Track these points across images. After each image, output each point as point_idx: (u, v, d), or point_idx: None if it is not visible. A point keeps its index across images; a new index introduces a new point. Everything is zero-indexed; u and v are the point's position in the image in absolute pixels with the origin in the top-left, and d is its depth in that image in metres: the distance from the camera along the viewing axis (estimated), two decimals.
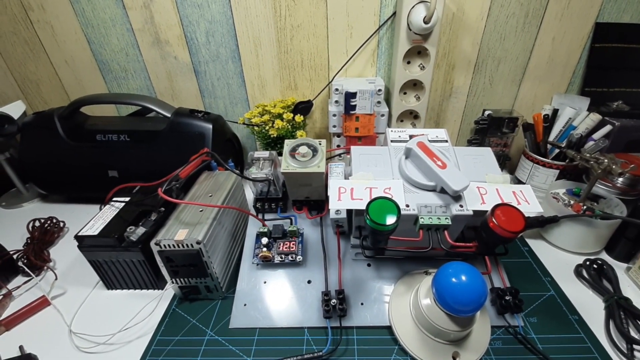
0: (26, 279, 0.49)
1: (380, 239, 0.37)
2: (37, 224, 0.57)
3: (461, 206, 0.37)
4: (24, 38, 0.67)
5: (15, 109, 0.64)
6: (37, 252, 0.52)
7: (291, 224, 0.50)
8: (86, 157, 0.60)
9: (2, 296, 0.46)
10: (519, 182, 0.66)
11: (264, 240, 0.47)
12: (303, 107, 0.70)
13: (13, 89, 0.74)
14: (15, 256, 0.51)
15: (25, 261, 0.51)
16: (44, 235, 0.55)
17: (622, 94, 0.67)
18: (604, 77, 0.67)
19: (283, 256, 0.46)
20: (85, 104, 0.61)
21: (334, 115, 0.64)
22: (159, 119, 0.62)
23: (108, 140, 0.60)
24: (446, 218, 0.37)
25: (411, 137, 0.43)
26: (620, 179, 0.53)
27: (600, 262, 0.48)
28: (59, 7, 0.64)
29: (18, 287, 0.48)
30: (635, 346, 0.38)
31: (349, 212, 0.44)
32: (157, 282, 0.46)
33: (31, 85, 0.74)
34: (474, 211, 0.37)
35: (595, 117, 0.57)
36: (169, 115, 0.60)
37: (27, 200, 0.68)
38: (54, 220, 0.58)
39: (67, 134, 0.60)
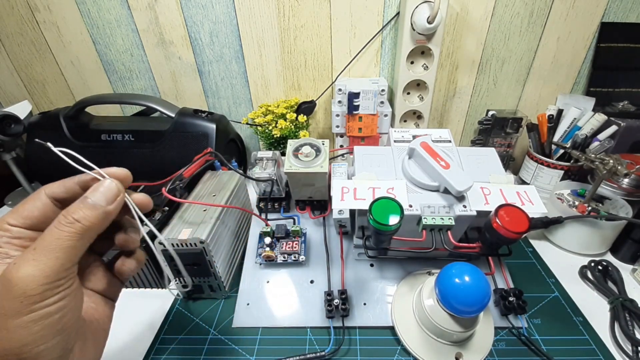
0: None
1: (383, 239, 0.37)
2: None
3: (465, 207, 0.37)
4: (30, 39, 0.68)
5: (22, 109, 0.65)
6: None
7: (294, 223, 0.50)
8: (91, 157, 0.60)
9: None
10: (523, 182, 0.66)
11: (267, 239, 0.47)
12: (306, 107, 0.70)
13: (19, 89, 0.75)
14: None
15: None
16: None
17: (627, 94, 0.66)
18: (610, 77, 0.66)
19: (286, 256, 0.46)
20: (91, 104, 0.61)
21: (337, 115, 0.65)
22: (163, 118, 0.62)
23: (113, 140, 0.61)
24: (449, 218, 0.37)
25: (414, 137, 0.43)
26: (626, 180, 0.53)
27: (605, 263, 0.48)
28: (65, 8, 0.64)
29: None
30: None
31: (352, 212, 0.44)
32: (161, 281, 0.47)
33: (37, 85, 0.74)
34: (477, 212, 0.37)
35: (601, 117, 0.56)
36: (172, 115, 0.60)
37: None
38: None
39: (72, 134, 0.61)
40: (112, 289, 0.27)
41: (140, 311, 0.44)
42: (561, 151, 0.60)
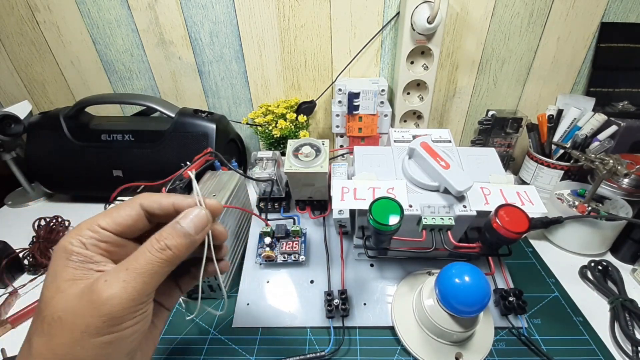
0: (32, 277, 0.50)
1: (383, 239, 0.37)
2: (42, 222, 0.57)
3: (465, 207, 0.37)
4: (31, 39, 0.68)
5: (22, 109, 0.65)
6: (42, 251, 0.52)
7: (294, 223, 0.50)
8: (91, 157, 0.61)
9: (8, 294, 0.46)
10: (523, 182, 0.66)
11: (267, 240, 0.47)
12: (306, 107, 0.70)
13: (19, 89, 0.75)
14: (21, 254, 0.51)
15: (31, 259, 0.51)
16: (49, 234, 0.56)
17: (627, 94, 0.66)
18: (610, 77, 0.66)
19: (286, 256, 0.46)
20: (91, 104, 0.61)
21: (337, 115, 0.65)
22: (163, 118, 0.62)
23: (113, 140, 0.61)
24: (449, 218, 0.37)
25: (414, 137, 0.43)
26: (626, 180, 0.53)
27: (605, 263, 0.48)
28: (65, 8, 0.64)
29: (24, 285, 0.48)
30: None
31: (352, 212, 0.44)
32: None
33: (37, 85, 0.74)
34: (477, 212, 0.37)
35: (601, 117, 0.56)
36: (172, 115, 0.60)
37: (33, 199, 0.69)
38: (60, 219, 0.59)
39: (72, 134, 0.61)
40: (171, 299, 0.27)
41: None
42: (561, 151, 0.60)
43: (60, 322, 0.19)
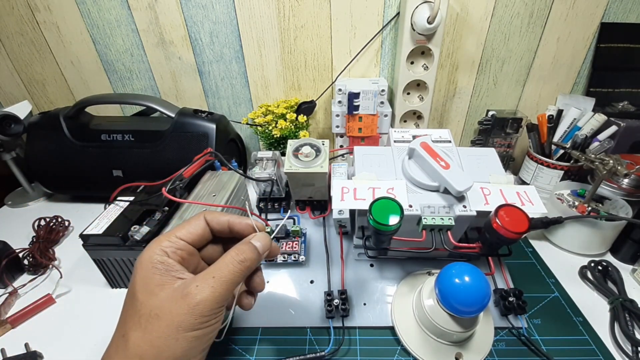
0: (32, 277, 0.50)
1: (383, 239, 0.37)
2: (42, 222, 0.57)
3: (464, 207, 0.37)
4: (31, 39, 0.68)
5: (22, 109, 0.65)
6: (42, 251, 0.52)
7: (294, 224, 0.50)
8: (91, 157, 0.61)
9: (8, 294, 0.46)
10: (523, 182, 0.66)
11: None
12: (306, 108, 0.70)
13: (19, 89, 0.75)
14: (21, 255, 0.51)
15: (30, 259, 0.51)
16: (49, 234, 0.56)
17: (627, 94, 0.66)
18: (610, 77, 0.66)
19: (286, 256, 0.46)
20: (91, 104, 0.61)
21: (337, 115, 0.65)
22: (163, 119, 0.62)
23: (113, 140, 0.61)
24: (449, 219, 0.37)
25: (414, 137, 0.43)
26: (626, 180, 0.53)
27: (605, 263, 0.48)
28: (65, 8, 0.64)
29: (24, 285, 0.48)
30: None
31: (352, 212, 0.44)
32: None
33: (37, 85, 0.74)
34: (477, 212, 0.37)
35: (601, 117, 0.56)
36: (172, 115, 0.60)
37: (33, 199, 0.69)
38: (59, 219, 0.59)
39: (72, 134, 0.61)
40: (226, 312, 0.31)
41: None
42: (561, 151, 0.60)
43: (157, 319, 0.23)
